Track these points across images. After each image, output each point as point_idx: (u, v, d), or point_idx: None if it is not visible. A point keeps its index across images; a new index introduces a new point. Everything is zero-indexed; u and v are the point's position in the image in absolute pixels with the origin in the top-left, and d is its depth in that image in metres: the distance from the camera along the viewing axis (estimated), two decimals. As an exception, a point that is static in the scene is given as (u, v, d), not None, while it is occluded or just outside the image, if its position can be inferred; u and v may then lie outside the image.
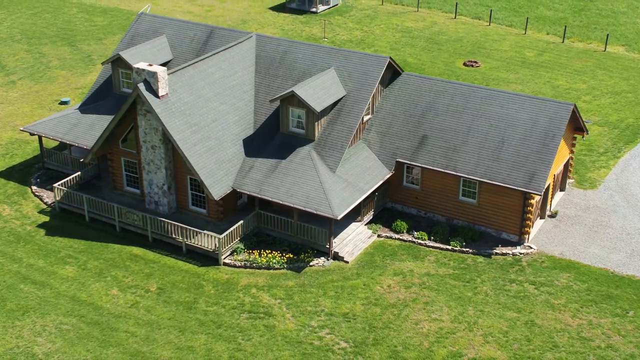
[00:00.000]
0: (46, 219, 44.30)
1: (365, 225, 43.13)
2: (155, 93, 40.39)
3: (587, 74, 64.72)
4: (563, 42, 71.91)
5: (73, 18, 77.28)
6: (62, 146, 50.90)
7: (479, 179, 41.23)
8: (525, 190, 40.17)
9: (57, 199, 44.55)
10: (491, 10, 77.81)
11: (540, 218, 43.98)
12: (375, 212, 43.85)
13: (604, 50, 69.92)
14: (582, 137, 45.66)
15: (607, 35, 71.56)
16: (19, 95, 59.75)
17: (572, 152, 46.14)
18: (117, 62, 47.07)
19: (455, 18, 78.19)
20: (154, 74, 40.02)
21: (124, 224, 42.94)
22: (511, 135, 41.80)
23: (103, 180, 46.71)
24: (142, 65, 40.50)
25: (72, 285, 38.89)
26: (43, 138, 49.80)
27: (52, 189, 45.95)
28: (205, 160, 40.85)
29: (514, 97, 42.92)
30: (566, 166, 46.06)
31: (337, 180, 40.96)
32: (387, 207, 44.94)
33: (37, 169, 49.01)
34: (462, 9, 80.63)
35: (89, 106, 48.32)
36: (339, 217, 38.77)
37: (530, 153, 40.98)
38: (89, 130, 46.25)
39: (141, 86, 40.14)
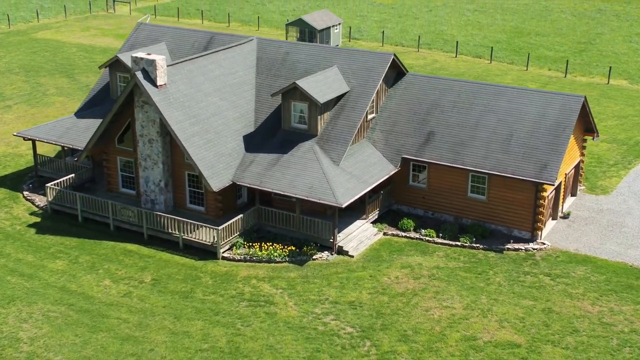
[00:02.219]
0: (37, 219, 42.43)
1: (371, 223, 41.28)
2: (153, 82, 39.12)
3: (592, 102, 63.76)
4: (565, 76, 71.29)
5: (72, 56, 76.81)
6: (59, 157, 49.34)
7: (488, 171, 39.62)
8: (537, 180, 38.51)
9: (50, 199, 42.76)
10: (492, 48, 77.58)
11: (553, 219, 42.18)
12: (380, 212, 42.06)
13: (607, 83, 69.24)
14: (593, 138, 44.27)
15: (610, 68, 71.06)
16: (14, 117, 58.56)
17: (582, 154, 44.70)
18: (115, 66, 46.04)
19: (456, 57, 77.85)
20: (152, 62, 38.84)
21: (118, 222, 41.06)
22: (521, 128, 40.38)
23: (97, 184, 45.03)
24: (140, 54, 39.38)
25: (62, 277, 36.80)
26: (38, 149, 48.27)
27: (44, 194, 44.21)
28: (205, 152, 39.30)
29: (523, 92, 41.73)
30: (577, 169, 44.53)
31: (341, 172, 39.34)
32: (392, 209, 43.15)
33: (29, 177, 47.39)
34: (463, 49, 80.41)
35: (84, 112, 47.06)
36: (344, 206, 36.98)
37: (542, 144, 39.48)
38: (83, 133, 44.84)
39: (139, 74, 38.91)
